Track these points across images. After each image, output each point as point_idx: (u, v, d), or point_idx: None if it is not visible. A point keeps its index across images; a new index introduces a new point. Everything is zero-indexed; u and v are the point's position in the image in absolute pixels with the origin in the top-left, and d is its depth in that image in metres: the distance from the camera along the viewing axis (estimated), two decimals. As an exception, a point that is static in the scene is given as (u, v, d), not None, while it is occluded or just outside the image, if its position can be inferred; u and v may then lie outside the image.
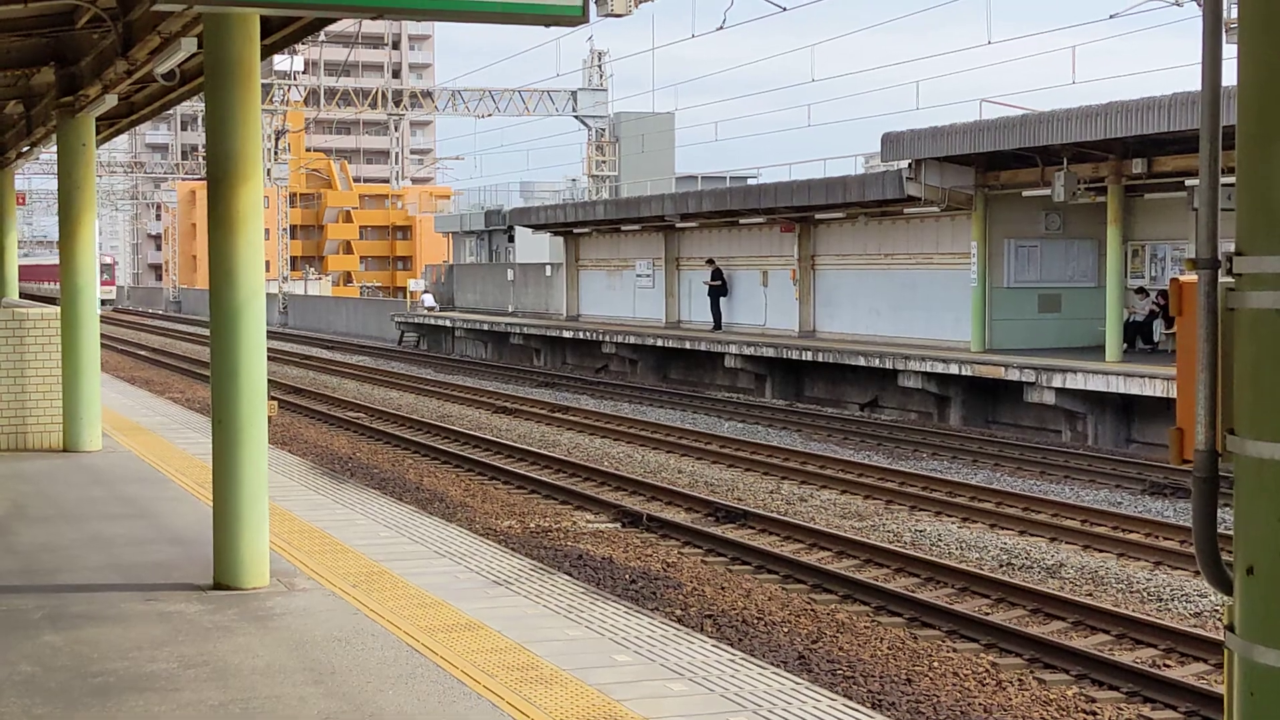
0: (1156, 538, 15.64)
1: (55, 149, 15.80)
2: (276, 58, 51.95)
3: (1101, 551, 15.23)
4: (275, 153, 64.58)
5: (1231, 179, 3.24)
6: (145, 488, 13.40)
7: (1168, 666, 10.87)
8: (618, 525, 16.58)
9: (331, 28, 12.29)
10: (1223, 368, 3.31)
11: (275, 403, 10.57)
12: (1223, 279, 3.30)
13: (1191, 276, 3.41)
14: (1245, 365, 3.16)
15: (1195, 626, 11.93)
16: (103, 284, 78.88)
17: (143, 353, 47.27)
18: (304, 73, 64.71)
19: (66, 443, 15.69)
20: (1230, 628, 3.24)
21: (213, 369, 9.29)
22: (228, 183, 9.11)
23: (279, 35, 10.28)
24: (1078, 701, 10.11)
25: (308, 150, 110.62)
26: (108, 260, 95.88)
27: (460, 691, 6.98)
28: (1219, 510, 3.51)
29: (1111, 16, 50.55)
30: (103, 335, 16.06)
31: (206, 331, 9.86)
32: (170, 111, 57.86)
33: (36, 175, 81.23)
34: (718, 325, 39.47)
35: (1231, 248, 3.22)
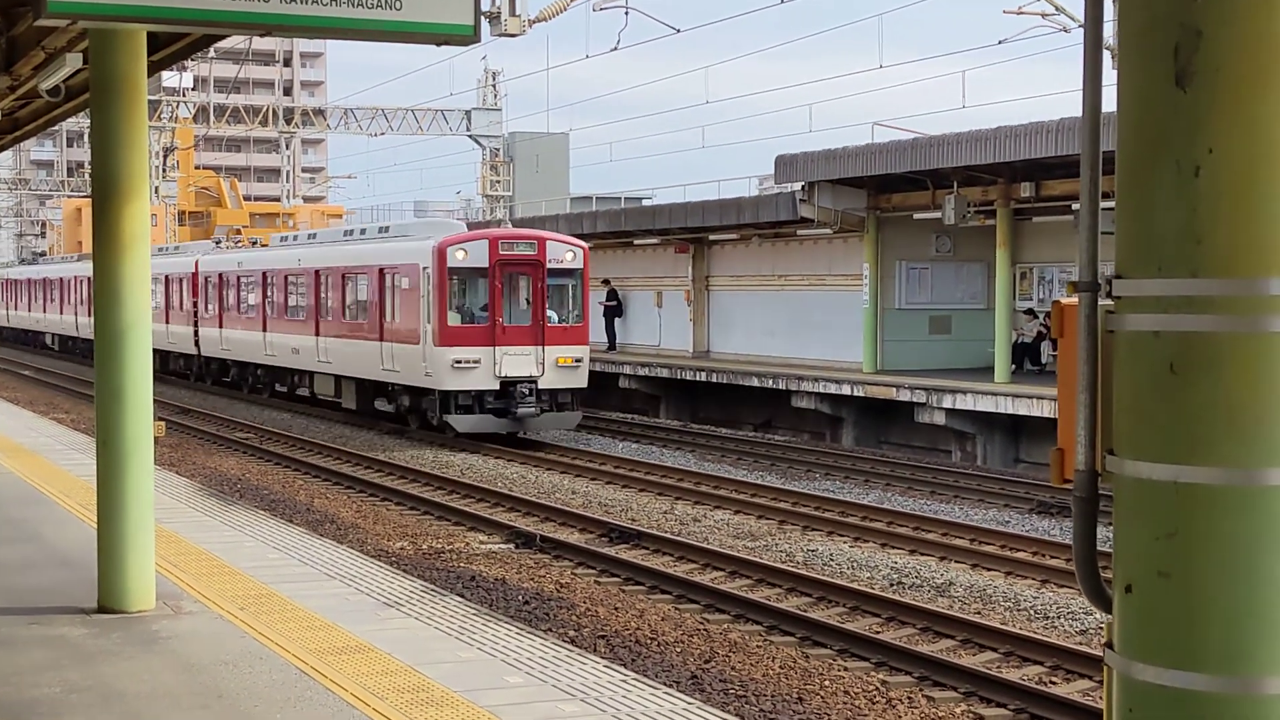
0: (1043, 556, 15.85)
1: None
2: (165, 74, 51.37)
3: (990, 570, 15.41)
4: (164, 170, 63.72)
5: (1112, 203, 3.29)
6: (30, 509, 13.16)
7: (1054, 684, 11.01)
8: (511, 546, 16.52)
9: (221, 44, 12.17)
10: (1103, 389, 3.36)
11: (163, 424, 10.44)
12: (1103, 302, 3.34)
13: (1073, 299, 3.46)
14: (1124, 387, 3.21)
15: (1081, 644, 12.10)
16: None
17: (26, 372, 46.41)
18: (193, 89, 64.01)
19: (-53, 464, 15.39)
20: (1110, 645, 3.29)
21: (98, 390, 9.15)
22: (114, 201, 8.99)
23: (166, 52, 10.16)
24: (966, 718, 10.22)
25: (197, 168, 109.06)
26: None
27: (350, 715, 6.92)
28: (1099, 529, 3.57)
29: (1000, 42, 51.43)
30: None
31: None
32: (56, 127, 56.95)
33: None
34: (612, 346, 39.50)
35: (1112, 271, 3.27)
